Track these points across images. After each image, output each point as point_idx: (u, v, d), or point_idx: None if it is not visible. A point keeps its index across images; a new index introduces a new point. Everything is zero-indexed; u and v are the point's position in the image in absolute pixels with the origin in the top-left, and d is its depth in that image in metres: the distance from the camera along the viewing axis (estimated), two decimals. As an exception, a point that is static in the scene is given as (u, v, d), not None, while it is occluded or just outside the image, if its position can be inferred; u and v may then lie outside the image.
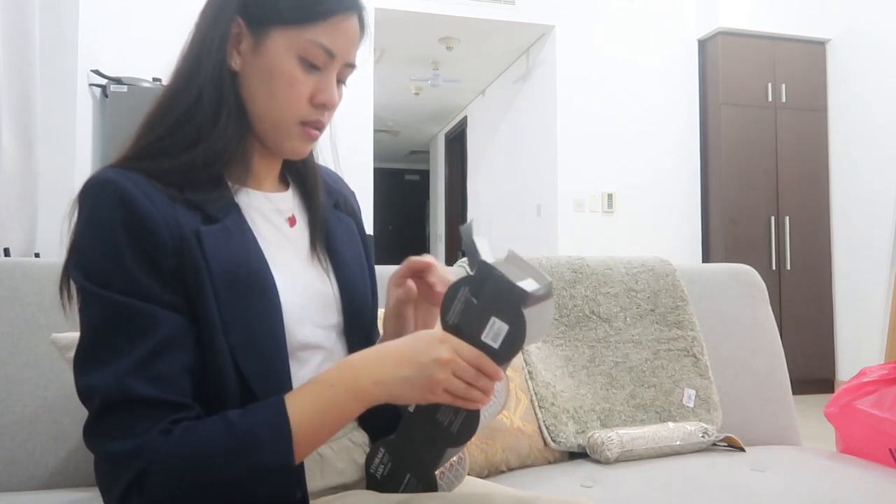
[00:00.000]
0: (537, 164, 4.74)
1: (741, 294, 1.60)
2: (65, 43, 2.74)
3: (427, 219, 9.66)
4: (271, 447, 0.63)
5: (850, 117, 4.22)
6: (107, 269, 0.65)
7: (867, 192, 4.06)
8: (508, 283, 0.66)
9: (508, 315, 0.66)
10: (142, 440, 0.61)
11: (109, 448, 0.62)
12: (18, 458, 1.10)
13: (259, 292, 0.71)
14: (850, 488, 1.13)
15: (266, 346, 0.70)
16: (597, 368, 1.44)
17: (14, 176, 2.04)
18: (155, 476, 0.61)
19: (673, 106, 4.48)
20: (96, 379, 0.63)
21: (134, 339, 0.64)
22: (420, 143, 8.93)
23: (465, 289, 0.68)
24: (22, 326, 1.15)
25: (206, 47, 0.73)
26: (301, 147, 0.78)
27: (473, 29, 4.53)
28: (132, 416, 0.62)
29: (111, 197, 0.66)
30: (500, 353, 0.67)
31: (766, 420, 1.51)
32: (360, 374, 0.66)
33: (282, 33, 0.72)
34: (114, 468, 0.62)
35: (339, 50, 0.74)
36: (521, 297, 0.66)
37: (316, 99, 0.75)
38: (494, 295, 0.67)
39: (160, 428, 0.62)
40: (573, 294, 1.49)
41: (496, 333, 0.67)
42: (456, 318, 0.69)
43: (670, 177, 4.46)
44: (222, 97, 0.73)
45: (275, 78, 0.73)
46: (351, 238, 0.88)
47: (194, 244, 0.68)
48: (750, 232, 4.24)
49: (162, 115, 0.74)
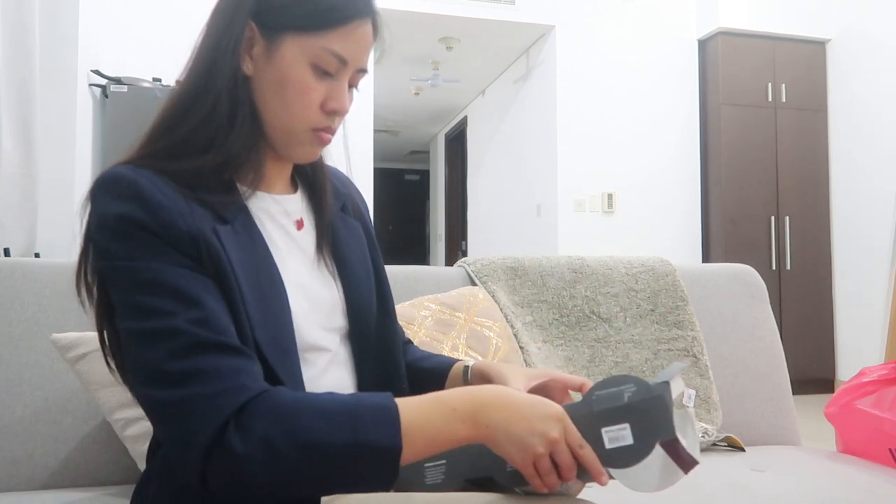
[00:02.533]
0: (537, 164, 4.74)
1: (741, 294, 1.60)
2: (65, 43, 2.74)
3: (427, 219, 9.66)
4: (379, 425, 0.61)
5: (850, 117, 4.22)
6: (131, 248, 0.64)
7: (867, 192, 4.06)
8: (668, 415, 0.64)
9: (644, 438, 0.64)
10: (235, 380, 0.60)
11: (193, 390, 0.59)
12: (18, 458, 1.10)
13: (271, 292, 0.71)
14: (850, 488, 1.13)
15: (284, 346, 0.70)
16: (597, 368, 1.44)
17: (14, 176, 2.04)
18: (261, 415, 0.58)
19: (673, 106, 4.48)
20: (157, 325, 0.61)
21: (183, 298, 0.63)
22: (420, 143, 8.93)
23: (632, 388, 0.66)
24: (22, 326, 1.15)
25: (221, 52, 0.72)
26: (312, 152, 0.78)
27: (473, 29, 4.54)
28: (213, 358, 0.60)
29: (125, 191, 0.66)
30: (605, 455, 0.65)
31: (766, 420, 1.51)
32: (481, 411, 0.64)
33: (294, 39, 0.71)
34: (200, 411, 0.58)
35: (351, 57, 0.74)
36: (667, 433, 0.64)
37: (327, 106, 0.74)
38: (647, 411, 0.65)
39: (252, 373, 0.61)
40: (573, 294, 1.49)
41: (618, 438, 0.65)
42: (601, 401, 0.67)
43: (670, 177, 4.46)
44: (238, 104, 0.72)
45: (287, 85, 0.72)
46: (357, 242, 0.88)
47: (213, 238, 0.67)
48: (750, 232, 4.24)
49: (178, 120, 0.73)
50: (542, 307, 1.47)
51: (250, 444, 0.58)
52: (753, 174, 4.26)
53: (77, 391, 1.14)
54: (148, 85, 3.06)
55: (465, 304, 1.36)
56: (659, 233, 4.41)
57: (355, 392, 0.65)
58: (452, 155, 7.59)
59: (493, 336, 1.33)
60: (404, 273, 1.42)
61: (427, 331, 1.28)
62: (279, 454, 0.58)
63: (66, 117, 2.75)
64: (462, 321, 1.32)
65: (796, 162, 4.32)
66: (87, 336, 1.07)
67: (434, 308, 1.33)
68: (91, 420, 1.14)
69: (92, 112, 3.07)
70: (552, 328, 1.46)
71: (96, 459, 1.13)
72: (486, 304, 1.39)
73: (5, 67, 1.99)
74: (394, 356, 0.88)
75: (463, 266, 1.51)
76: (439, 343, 1.27)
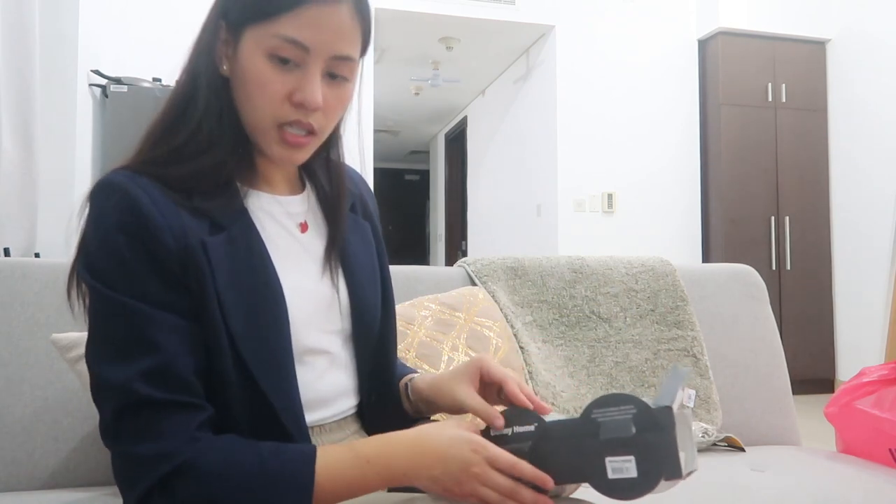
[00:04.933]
0: (537, 164, 4.74)
1: (741, 294, 1.60)
2: (65, 43, 2.74)
3: (427, 219, 9.66)
4: (291, 494, 0.63)
5: (850, 117, 4.22)
6: (113, 272, 0.65)
7: (867, 192, 4.06)
8: (675, 453, 0.62)
9: (650, 474, 0.63)
10: (168, 444, 0.62)
11: (133, 450, 0.62)
12: (18, 458, 1.10)
13: (265, 298, 0.70)
14: (850, 488, 1.13)
15: (273, 354, 0.70)
16: (597, 368, 1.44)
17: (14, 176, 2.04)
18: (183, 479, 0.61)
19: (673, 106, 4.48)
20: (112, 376, 0.63)
21: (143, 343, 0.64)
22: (420, 143, 8.93)
23: (633, 413, 0.64)
24: (22, 326, 1.15)
25: (202, 56, 0.73)
26: (286, 153, 0.73)
27: (473, 29, 4.53)
28: (154, 419, 0.63)
29: (119, 202, 0.66)
30: (605, 484, 0.64)
31: (766, 420, 1.51)
32: (395, 462, 0.66)
33: (251, 32, 0.70)
34: (136, 469, 0.62)
35: (312, 42, 0.69)
36: (673, 471, 0.62)
37: (294, 97, 0.70)
38: (654, 447, 0.63)
39: (187, 435, 0.63)
40: (573, 294, 1.49)
41: (621, 469, 0.64)
42: (605, 430, 0.65)
43: (670, 177, 4.46)
44: (222, 106, 0.72)
45: (248, 79, 0.70)
46: (365, 243, 0.88)
47: (200, 253, 0.68)
48: (750, 232, 4.24)
49: (173, 126, 0.73)
50: (542, 307, 1.47)
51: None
52: (753, 174, 4.26)
53: (77, 391, 1.14)
54: (148, 85, 3.05)
55: (465, 304, 1.36)
56: (659, 233, 4.41)
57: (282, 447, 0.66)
58: (452, 155, 7.59)
59: (493, 336, 1.33)
60: (404, 273, 1.41)
61: (427, 331, 1.28)
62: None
63: (66, 117, 2.75)
64: (462, 321, 1.32)
65: (796, 162, 4.32)
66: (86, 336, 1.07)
67: (434, 308, 1.33)
68: (91, 420, 1.14)
69: (92, 112, 3.07)
70: (552, 328, 1.46)
71: (96, 459, 1.13)
72: (486, 304, 1.39)
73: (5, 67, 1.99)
74: (391, 359, 0.88)
75: (463, 266, 1.51)
76: (439, 343, 1.27)
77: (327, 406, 0.78)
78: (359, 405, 0.83)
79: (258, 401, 0.69)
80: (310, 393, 0.74)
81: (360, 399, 0.83)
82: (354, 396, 0.82)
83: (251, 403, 0.68)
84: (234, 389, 0.68)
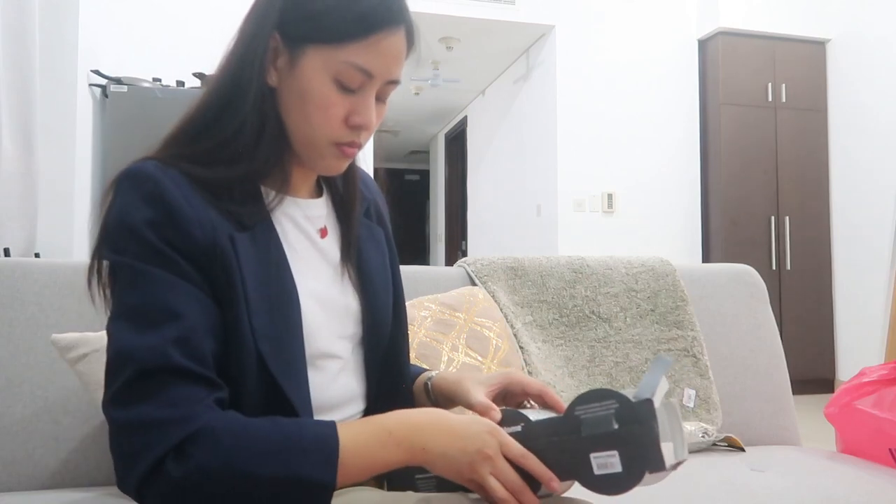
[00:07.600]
0: (537, 164, 4.74)
1: (741, 294, 1.60)
2: (65, 43, 2.74)
3: (427, 219, 9.66)
4: (315, 459, 0.61)
5: (850, 117, 4.22)
6: (143, 250, 0.65)
7: (867, 192, 4.06)
8: (656, 445, 0.62)
9: (633, 468, 0.63)
10: (186, 409, 0.60)
11: (145, 414, 0.60)
12: (18, 458, 1.10)
13: (282, 301, 0.71)
14: (850, 488, 1.13)
15: (290, 354, 0.70)
16: (597, 368, 1.44)
17: (14, 176, 2.04)
18: (200, 445, 0.59)
19: (673, 106, 4.48)
20: (132, 342, 0.62)
21: (172, 312, 0.63)
22: (420, 143, 8.93)
23: (615, 408, 0.64)
24: (22, 326, 1.15)
25: (248, 63, 0.71)
26: (335, 165, 0.76)
27: (473, 29, 4.54)
28: (173, 385, 0.61)
29: (149, 191, 0.66)
30: (592, 480, 0.65)
31: (766, 420, 1.51)
32: (416, 435, 0.66)
33: (317, 52, 0.69)
34: (148, 435, 0.60)
35: (377, 69, 0.70)
36: (656, 464, 0.62)
37: (351, 121, 0.72)
38: (637, 441, 0.63)
39: (206, 402, 0.62)
40: (573, 294, 1.49)
41: (606, 465, 0.64)
42: (587, 426, 0.65)
43: (670, 177, 4.46)
44: (265, 119, 0.72)
45: (308, 98, 0.70)
46: (378, 248, 0.88)
47: (228, 248, 0.68)
48: (750, 232, 4.24)
49: (206, 129, 0.72)
50: (542, 307, 1.47)
51: (187, 470, 0.59)
52: (753, 174, 4.26)
53: (77, 391, 1.14)
54: (148, 85, 3.05)
55: (465, 305, 1.36)
56: (659, 233, 4.41)
57: (301, 419, 0.65)
58: (452, 155, 7.59)
59: (493, 336, 1.32)
60: (404, 273, 1.40)
61: (427, 331, 1.28)
62: (213, 483, 0.59)
63: (66, 117, 2.75)
64: (462, 321, 1.32)
65: (796, 162, 4.32)
66: (87, 336, 1.07)
67: (434, 308, 1.33)
68: (91, 420, 1.14)
69: (92, 112, 3.07)
70: (552, 328, 1.46)
71: (96, 459, 1.13)
72: (486, 304, 1.39)
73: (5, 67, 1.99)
74: (402, 364, 0.88)
75: (463, 266, 1.51)
76: (439, 343, 1.27)
77: (336, 410, 0.78)
78: (365, 410, 0.83)
79: (273, 397, 0.68)
80: (320, 397, 0.75)
81: (367, 404, 0.83)
82: (362, 401, 0.82)
83: (265, 399, 0.68)
84: (252, 382, 0.67)
